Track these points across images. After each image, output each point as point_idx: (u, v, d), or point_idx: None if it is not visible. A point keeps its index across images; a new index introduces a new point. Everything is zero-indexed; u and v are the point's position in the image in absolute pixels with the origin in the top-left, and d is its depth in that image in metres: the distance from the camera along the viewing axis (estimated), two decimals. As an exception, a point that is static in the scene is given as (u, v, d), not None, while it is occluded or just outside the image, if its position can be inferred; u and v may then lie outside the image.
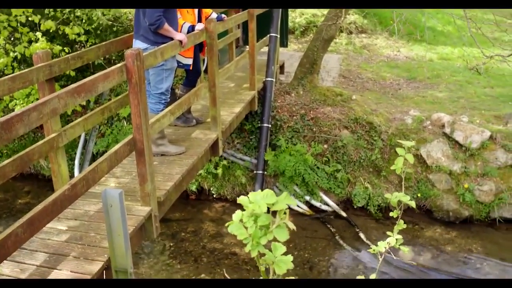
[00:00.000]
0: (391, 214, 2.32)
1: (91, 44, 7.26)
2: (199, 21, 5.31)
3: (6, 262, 3.09)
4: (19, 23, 6.18)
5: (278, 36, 7.79)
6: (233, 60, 6.76)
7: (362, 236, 6.40)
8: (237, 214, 1.27)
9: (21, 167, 3.33)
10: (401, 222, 2.18)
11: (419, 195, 6.86)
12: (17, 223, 2.64)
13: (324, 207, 7.01)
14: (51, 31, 6.53)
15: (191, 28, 5.03)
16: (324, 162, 7.13)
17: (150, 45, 4.50)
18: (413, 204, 2.09)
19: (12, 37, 6.87)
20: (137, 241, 3.81)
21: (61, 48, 6.48)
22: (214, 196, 7.37)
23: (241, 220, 1.25)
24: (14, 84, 3.42)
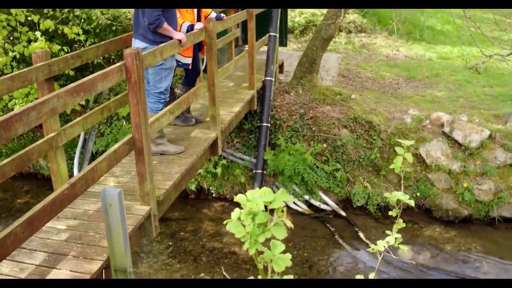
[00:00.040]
0: (390, 213, 2.31)
1: (90, 44, 7.25)
2: (198, 20, 5.30)
3: (5, 261, 3.09)
4: (18, 23, 6.18)
5: (277, 36, 7.79)
6: (232, 59, 6.76)
7: (361, 235, 6.40)
8: (235, 212, 1.27)
9: (20, 166, 3.33)
10: (400, 221, 2.17)
11: (418, 194, 6.86)
12: (16, 223, 2.64)
13: (324, 206, 7.01)
14: (50, 30, 6.53)
15: (190, 28, 5.03)
16: (323, 161, 7.13)
17: (149, 44, 4.50)
18: (412, 203, 2.08)
19: (11, 37, 6.87)
20: (136, 240, 3.81)
21: (60, 48, 6.48)
22: (214, 195, 7.38)
23: (239, 218, 1.26)
24: (13, 83, 3.42)
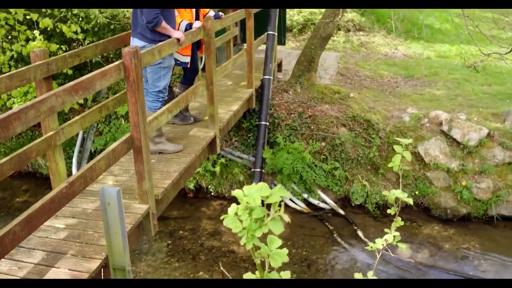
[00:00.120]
0: (389, 212, 2.32)
1: (88, 42, 7.24)
2: (197, 19, 5.30)
3: (3, 260, 3.09)
4: (16, 21, 6.17)
5: (276, 34, 7.78)
6: (231, 58, 6.74)
7: (360, 234, 6.41)
8: (232, 208, 1.27)
9: (19, 165, 3.33)
10: (398, 219, 2.18)
11: (417, 192, 6.87)
12: (15, 221, 2.64)
13: (322, 205, 7.02)
14: (48, 29, 6.52)
15: (189, 26, 5.03)
16: (322, 160, 7.14)
17: (147, 43, 4.50)
18: (410, 201, 2.09)
19: (10, 35, 6.85)
20: (135, 239, 3.81)
21: (58, 47, 6.47)
22: (212, 194, 7.38)
23: (236, 214, 1.26)
24: (11, 82, 3.41)
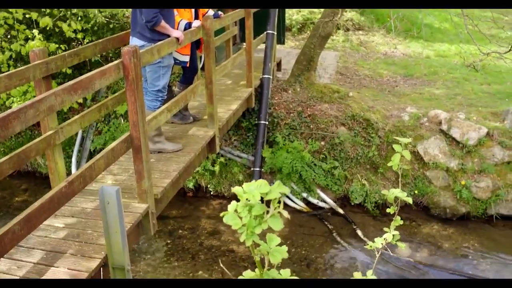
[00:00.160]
0: (388, 211, 2.32)
1: (87, 42, 7.23)
2: (196, 18, 5.29)
3: (3, 259, 3.09)
4: (15, 21, 6.16)
5: (275, 33, 7.78)
6: (230, 57, 6.74)
7: (359, 233, 6.41)
8: (232, 205, 1.28)
9: (18, 164, 3.33)
10: (397, 218, 2.18)
11: (416, 192, 6.87)
12: (14, 220, 2.64)
13: (321, 204, 7.02)
14: (47, 28, 6.51)
15: (188, 25, 5.03)
16: (321, 159, 7.14)
17: (146, 42, 4.50)
18: (410, 200, 2.09)
19: (9, 35, 6.84)
20: (134, 238, 3.81)
21: (57, 46, 6.46)
22: (211, 193, 7.38)
23: (236, 211, 1.26)
24: (10, 81, 3.41)
